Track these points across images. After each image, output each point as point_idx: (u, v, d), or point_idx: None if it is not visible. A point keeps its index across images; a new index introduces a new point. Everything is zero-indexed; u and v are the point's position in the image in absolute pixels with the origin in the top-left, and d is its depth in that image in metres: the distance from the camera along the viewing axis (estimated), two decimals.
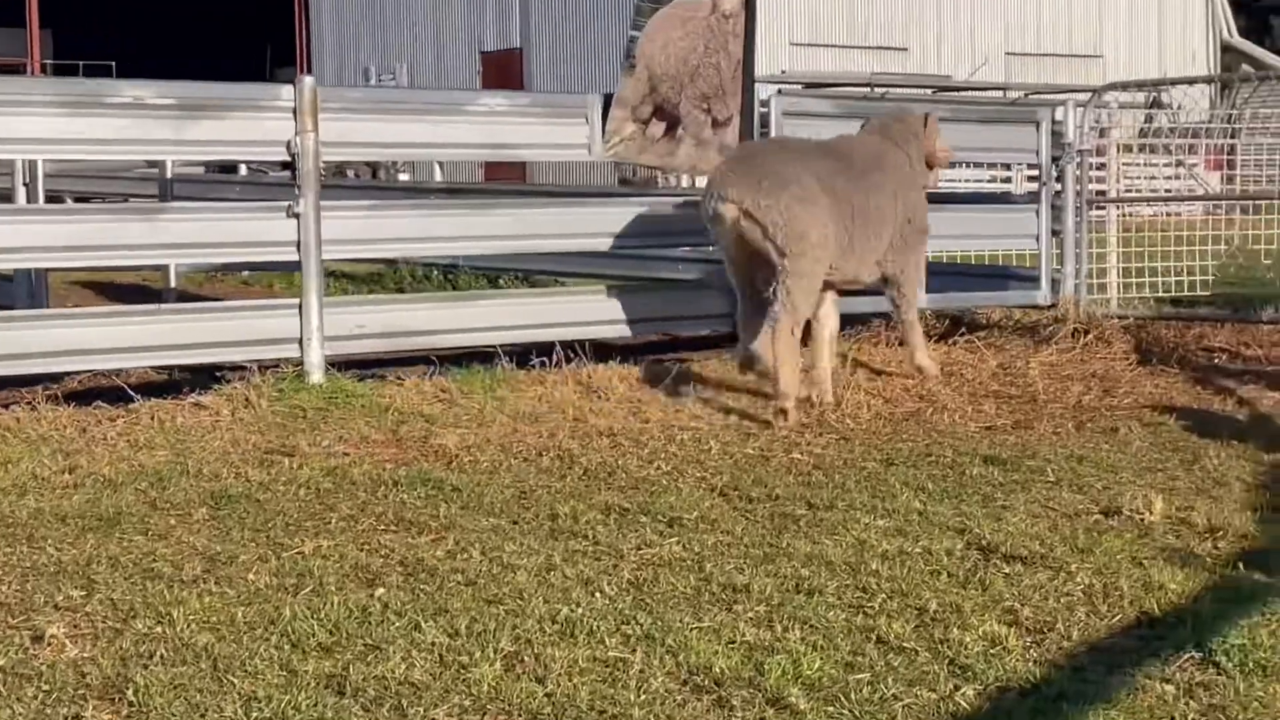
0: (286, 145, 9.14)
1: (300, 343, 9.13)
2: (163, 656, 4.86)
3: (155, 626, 5.15)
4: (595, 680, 4.67)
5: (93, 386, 9.38)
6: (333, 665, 4.78)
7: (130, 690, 4.57)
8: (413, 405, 8.83)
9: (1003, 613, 5.30)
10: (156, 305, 10.20)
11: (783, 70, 34.95)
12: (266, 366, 9.09)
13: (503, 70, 39.40)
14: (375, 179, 25.67)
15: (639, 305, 10.46)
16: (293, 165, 9.25)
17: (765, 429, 8.66)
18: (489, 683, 4.63)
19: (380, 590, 5.55)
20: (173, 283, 14.24)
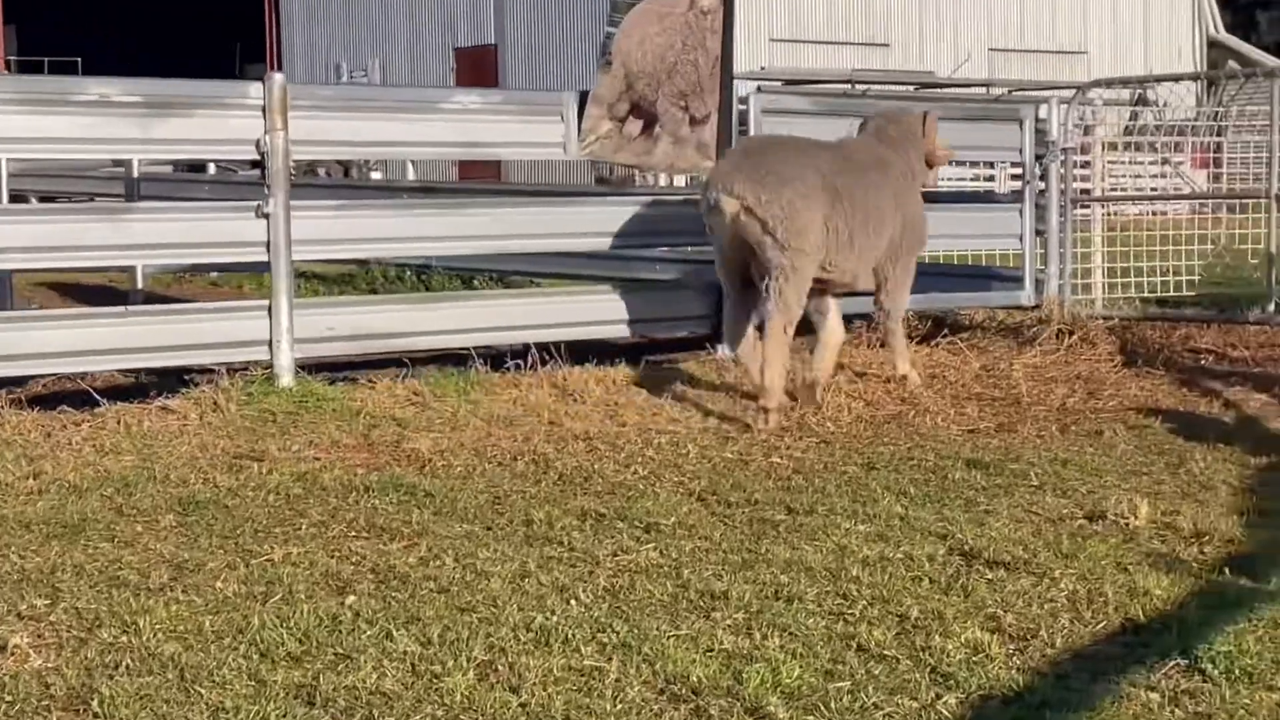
0: (256, 144, 9.12)
1: (270, 345, 9.11)
2: (128, 666, 4.85)
3: (121, 636, 5.13)
4: (570, 689, 4.67)
5: (58, 390, 9.36)
6: (302, 675, 4.77)
7: (95, 701, 4.56)
8: (385, 409, 8.81)
9: (985, 619, 5.31)
10: (123, 307, 10.17)
11: (762, 67, 34.99)
12: (235, 369, 9.06)
13: (477, 67, 39.38)
14: (347, 177, 25.64)
15: (616, 307, 10.44)
16: (262, 164, 9.24)
17: (744, 432, 8.66)
18: (462, 692, 4.62)
19: (351, 598, 5.54)
20: (140, 284, 14.22)
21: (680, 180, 18.79)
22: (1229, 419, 9.21)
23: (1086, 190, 13.66)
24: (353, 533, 6.49)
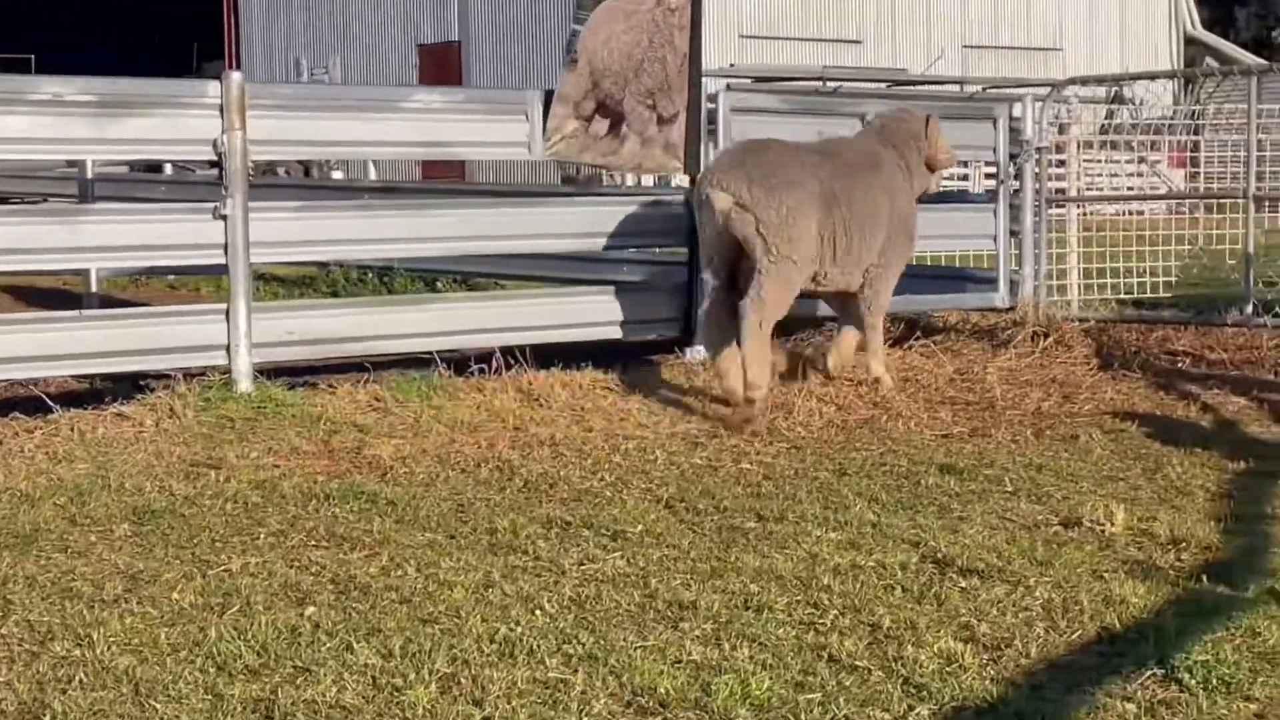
0: (213, 144, 9.10)
1: (227, 350, 9.08)
2: (82, 681, 4.83)
3: (74, 649, 5.11)
4: (535, 702, 4.66)
5: (10, 397, 9.31)
6: (260, 688, 4.76)
7: (48, 716, 4.54)
8: (345, 415, 8.79)
9: (958, 629, 5.32)
10: (77, 311, 10.15)
11: (732, 64, 35.01)
12: (192, 375, 9.02)
13: (440, 64, 39.32)
14: (308, 177, 25.59)
15: (582, 309, 10.44)
16: (220, 164, 9.21)
17: (713, 438, 8.66)
18: (424, 706, 4.62)
19: (310, 609, 5.53)
20: (94, 287, 14.17)
21: (648, 180, 18.81)
22: (1206, 423, 9.24)
23: (1062, 190, 13.70)
24: (312, 542, 6.47)
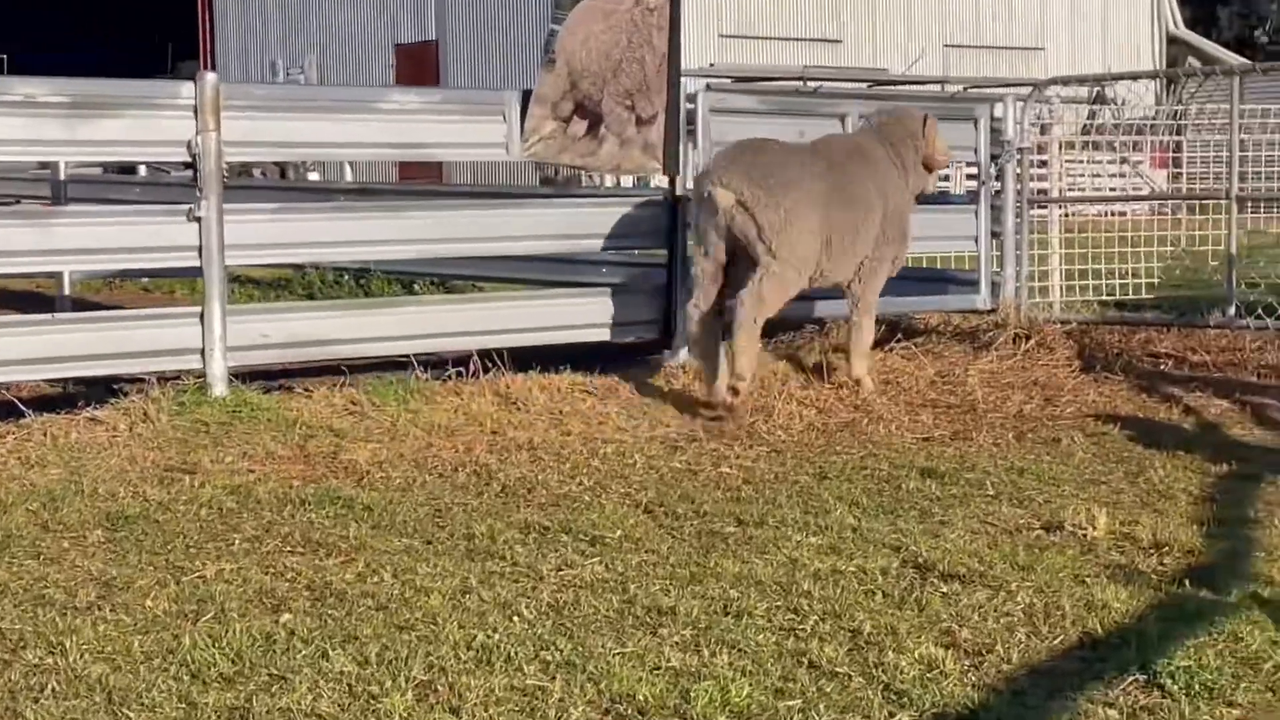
0: (187, 145, 9.07)
1: (202, 353, 9.05)
2: (54, 689, 4.82)
3: (46, 657, 5.10)
4: (512, 710, 4.66)
5: None
6: (235, 697, 4.75)
7: None
8: (321, 419, 8.78)
9: (940, 634, 5.32)
10: (50, 314, 10.10)
11: (711, 64, 35.04)
12: (167, 379, 9.01)
13: (418, 64, 39.30)
14: (284, 179, 25.56)
15: (560, 311, 10.43)
16: (194, 166, 9.19)
17: (692, 442, 8.67)
18: (400, 714, 4.61)
19: (286, 616, 5.52)
20: (67, 290, 14.13)
21: (627, 181, 18.81)
22: (1189, 426, 9.26)
23: (1043, 191, 13.71)
24: (288, 548, 6.47)
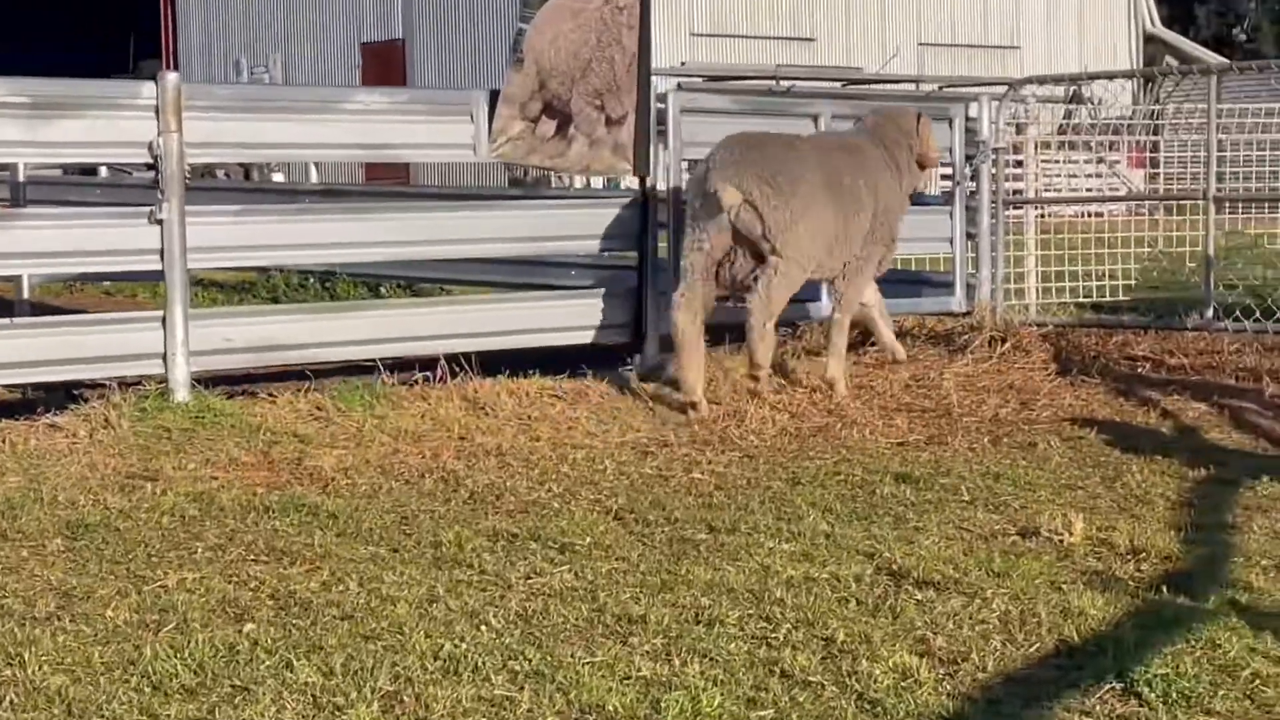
0: (149, 146, 9.05)
1: (164, 358, 9.03)
2: (13, 701, 4.79)
3: (5, 668, 5.07)
4: None
5: None
6: (197, 708, 4.73)
7: None
8: (286, 424, 8.76)
9: (914, 642, 5.33)
10: (8, 319, 10.05)
11: (683, 63, 35.06)
12: (128, 384, 8.98)
13: (384, 63, 39.26)
14: (248, 180, 25.49)
15: (530, 315, 10.43)
16: (156, 167, 9.16)
17: (663, 447, 8.66)
18: None
19: (249, 626, 5.50)
20: (26, 294, 14.06)
21: (597, 183, 18.81)
22: (1166, 429, 9.28)
23: (1019, 191, 13.75)
24: (251, 556, 6.45)
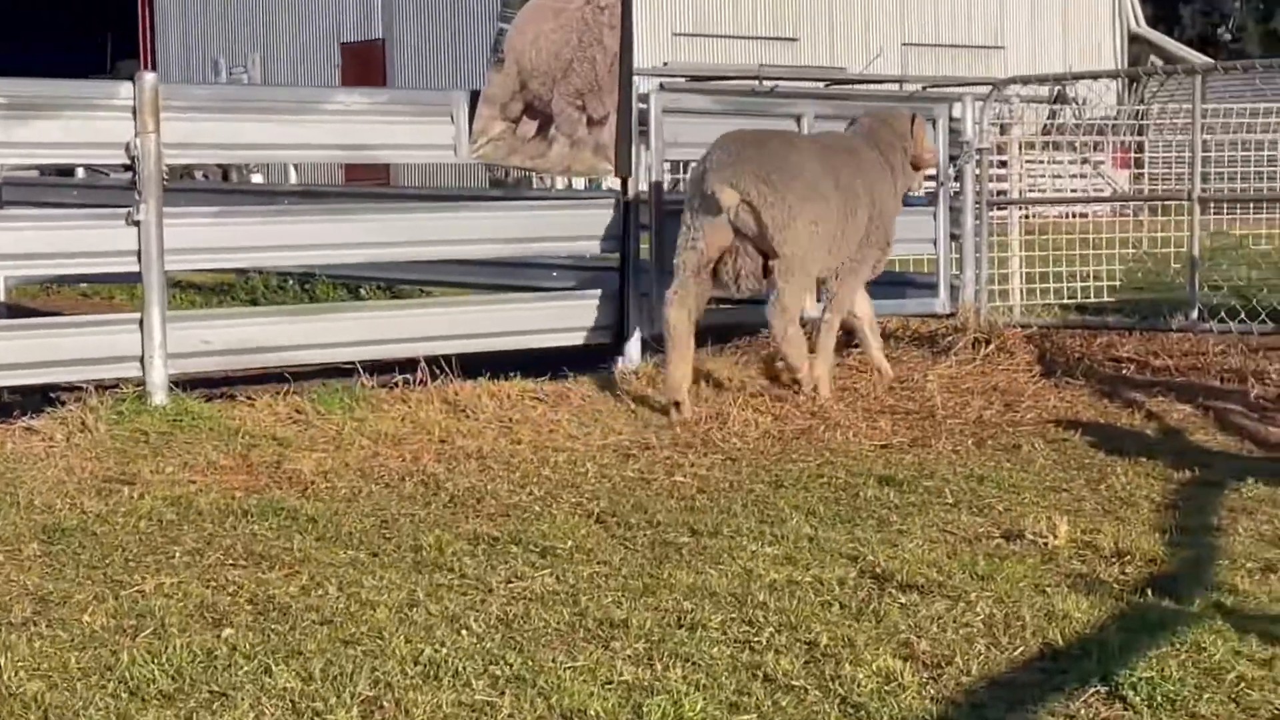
0: (126, 147, 9.04)
1: (141, 361, 9.02)
2: None
3: None
4: None
5: None
6: (175, 714, 4.72)
7: None
8: (265, 427, 8.75)
9: (898, 646, 5.33)
10: None
11: (665, 63, 35.05)
12: (105, 387, 8.97)
13: (364, 63, 39.21)
14: (226, 181, 25.46)
15: (511, 317, 10.43)
16: (133, 168, 9.14)
17: (645, 450, 8.66)
18: None
19: (228, 631, 5.49)
20: (2, 296, 14.03)
21: (579, 183, 18.80)
22: (1151, 431, 9.29)
23: (1003, 192, 13.77)
24: (230, 561, 6.44)
